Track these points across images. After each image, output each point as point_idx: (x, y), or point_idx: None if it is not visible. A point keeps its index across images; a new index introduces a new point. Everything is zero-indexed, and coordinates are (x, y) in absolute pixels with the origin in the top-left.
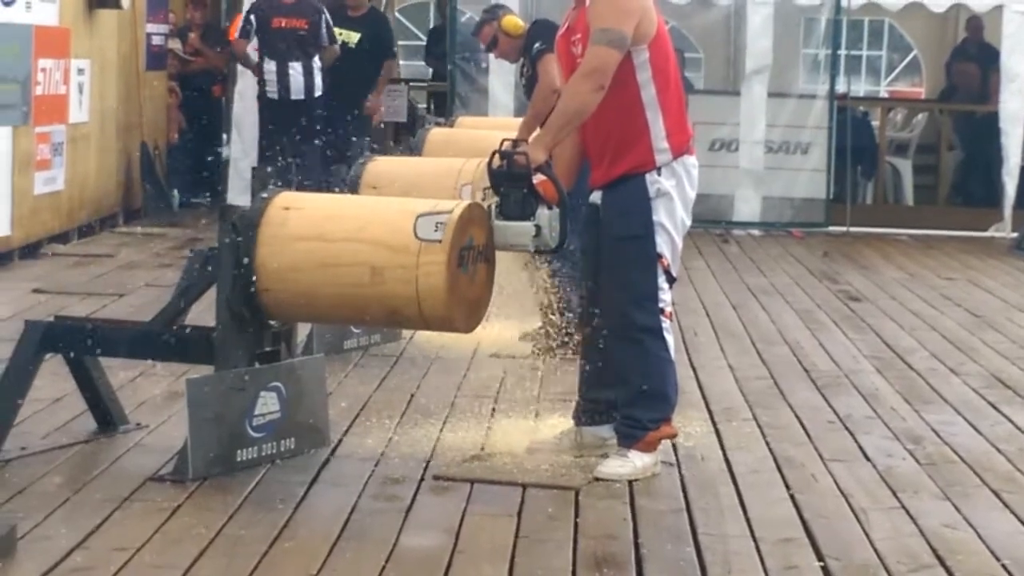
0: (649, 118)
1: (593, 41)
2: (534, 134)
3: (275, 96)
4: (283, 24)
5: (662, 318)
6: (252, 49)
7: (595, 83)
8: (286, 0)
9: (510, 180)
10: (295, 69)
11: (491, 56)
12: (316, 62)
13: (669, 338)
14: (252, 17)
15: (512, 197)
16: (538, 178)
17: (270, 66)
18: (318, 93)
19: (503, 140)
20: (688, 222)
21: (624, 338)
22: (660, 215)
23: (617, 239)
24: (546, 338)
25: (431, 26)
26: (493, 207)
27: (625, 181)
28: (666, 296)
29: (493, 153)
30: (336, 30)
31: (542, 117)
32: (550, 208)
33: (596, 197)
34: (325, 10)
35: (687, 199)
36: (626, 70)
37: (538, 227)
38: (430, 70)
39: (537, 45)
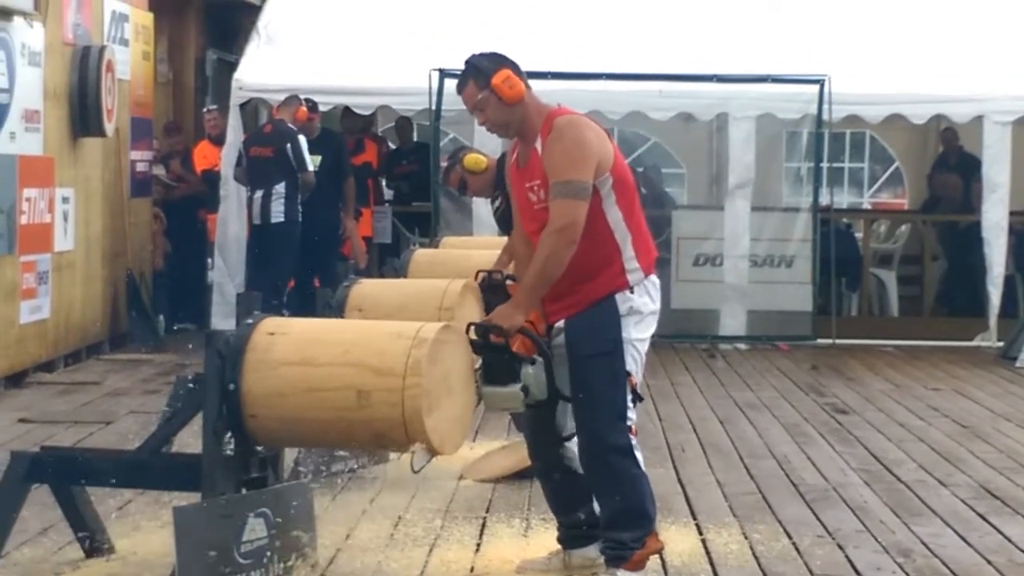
0: (619, 240)
1: (557, 195)
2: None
3: (254, 221)
4: (256, 153)
5: (630, 436)
6: None
7: (568, 239)
8: (266, 130)
9: (489, 350)
10: (258, 194)
11: None
12: (280, 188)
13: (638, 454)
14: (241, 147)
15: (495, 366)
16: (515, 339)
17: (249, 193)
18: (277, 220)
19: (468, 324)
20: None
21: (597, 458)
22: (629, 332)
23: (587, 357)
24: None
25: (393, 148)
26: (478, 373)
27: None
28: (632, 415)
29: (468, 326)
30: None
31: None
32: (533, 363)
33: (560, 322)
34: (298, 138)
35: (653, 316)
36: (594, 201)
37: (526, 388)
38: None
39: None
